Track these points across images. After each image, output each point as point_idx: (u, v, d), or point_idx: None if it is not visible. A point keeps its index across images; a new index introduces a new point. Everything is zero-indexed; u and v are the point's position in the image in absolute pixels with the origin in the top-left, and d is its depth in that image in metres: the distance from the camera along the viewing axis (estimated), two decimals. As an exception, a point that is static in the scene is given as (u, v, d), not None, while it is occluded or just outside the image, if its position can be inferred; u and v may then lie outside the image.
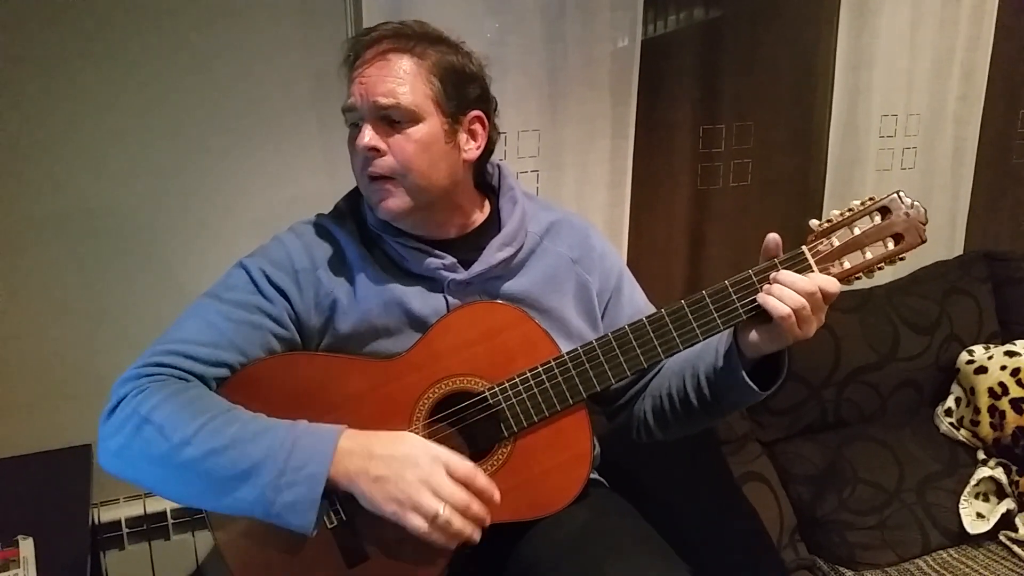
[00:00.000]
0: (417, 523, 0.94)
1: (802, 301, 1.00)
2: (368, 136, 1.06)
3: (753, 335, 1.05)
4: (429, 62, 1.08)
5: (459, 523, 0.95)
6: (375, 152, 1.07)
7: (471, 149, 1.14)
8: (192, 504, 1.05)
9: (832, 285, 1.03)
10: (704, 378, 1.14)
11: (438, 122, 1.09)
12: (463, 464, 0.97)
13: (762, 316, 1.04)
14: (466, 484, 0.97)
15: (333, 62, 1.60)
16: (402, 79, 1.07)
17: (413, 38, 1.09)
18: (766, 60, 2.03)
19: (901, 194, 1.05)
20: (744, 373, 1.07)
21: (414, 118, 1.07)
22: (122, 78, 1.51)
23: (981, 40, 2.13)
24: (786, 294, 1.01)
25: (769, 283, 1.03)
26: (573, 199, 1.82)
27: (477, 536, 0.98)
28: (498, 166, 1.25)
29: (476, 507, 0.97)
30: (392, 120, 1.07)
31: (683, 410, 1.18)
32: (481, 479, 0.98)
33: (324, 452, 0.94)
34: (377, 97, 1.06)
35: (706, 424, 1.24)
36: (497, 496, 0.99)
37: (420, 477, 0.94)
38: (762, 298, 1.03)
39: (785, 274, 1.03)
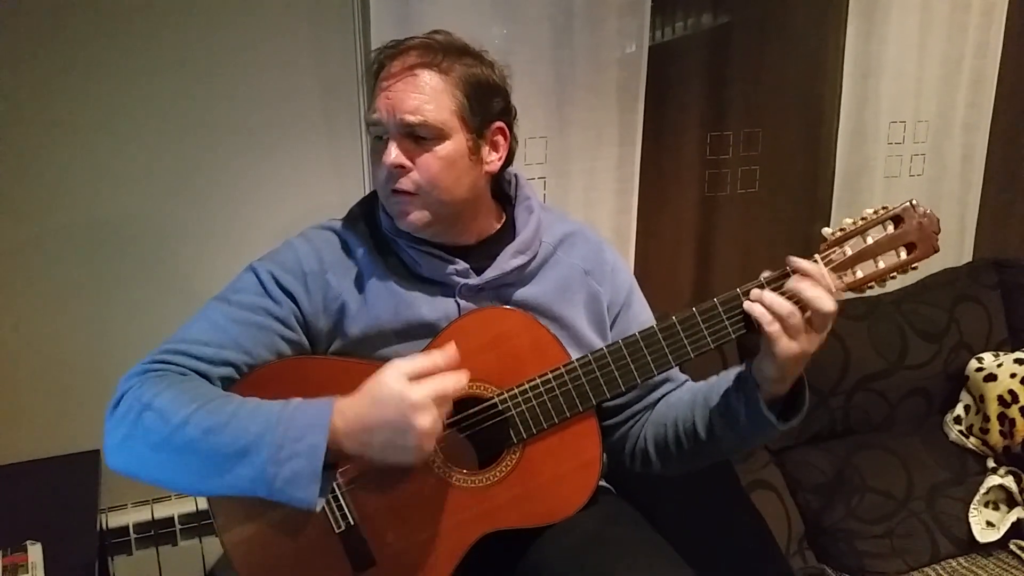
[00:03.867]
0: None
1: (788, 307, 0.99)
2: (394, 154, 1.06)
3: (758, 357, 1.04)
4: (455, 76, 1.08)
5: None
6: (400, 169, 1.07)
7: (493, 161, 1.14)
8: (196, 490, 1.05)
9: (829, 304, 1.00)
10: (716, 409, 1.12)
11: (463, 138, 1.09)
12: (441, 388, 0.95)
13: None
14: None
15: (342, 70, 1.63)
16: (428, 96, 1.06)
17: (440, 51, 1.09)
18: (774, 66, 2.04)
19: (914, 203, 1.05)
20: (763, 404, 1.05)
21: (440, 135, 1.07)
22: (130, 86, 1.52)
23: (990, 46, 2.12)
24: (771, 300, 1.00)
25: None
26: (580, 206, 1.82)
27: None
28: (515, 175, 1.25)
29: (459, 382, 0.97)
30: (418, 136, 1.07)
31: (688, 443, 1.16)
32: (452, 358, 0.98)
33: (320, 424, 0.94)
34: (404, 115, 1.05)
35: (708, 461, 1.20)
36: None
37: (422, 429, 0.92)
38: (748, 305, 1.02)
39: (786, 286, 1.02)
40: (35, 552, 1.28)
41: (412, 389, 0.93)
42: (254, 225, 1.63)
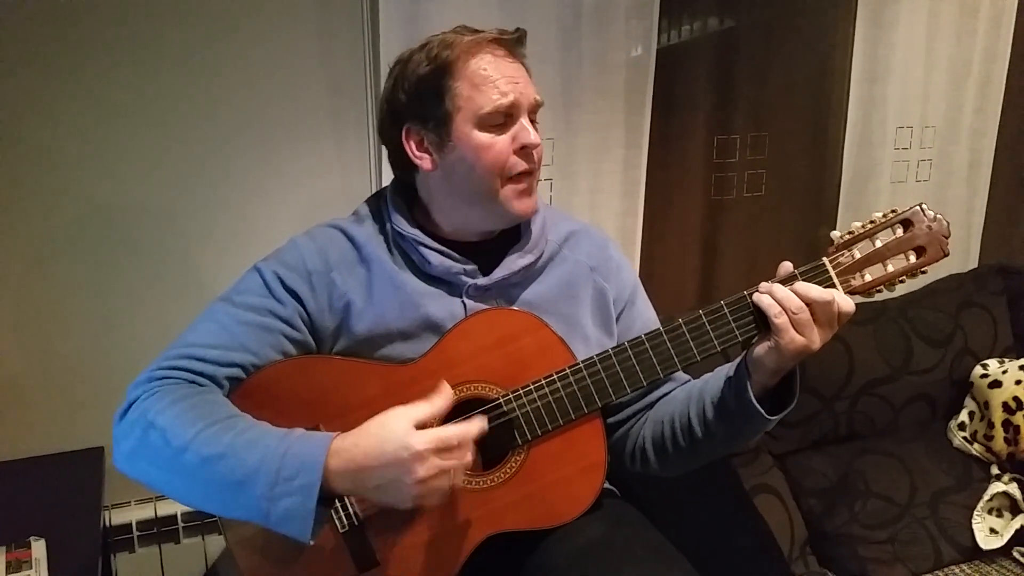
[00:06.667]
0: (435, 502, 0.97)
1: (797, 303, 0.99)
2: (534, 132, 1.10)
3: (759, 349, 1.03)
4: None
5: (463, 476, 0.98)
6: (540, 148, 1.12)
7: None
8: (201, 508, 1.05)
9: (847, 304, 1.01)
10: (710, 402, 1.12)
11: None
12: (444, 437, 0.93)
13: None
14: (461, 444, 0.95)
15: (350, 68, 1.64)
16: (530, 79, 1.13)
17: (517, 44, 1.14)
18: (781, 70, 2.03)
19: (923, 206, 1.05)
20: (751, 394, 1.04)
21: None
22: (136, 83, 1.52)
23: (998, 52, 2.12)
24: (783, 295, 1.00)
25: None
26: (586, 208, 1.82)
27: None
28: None
29: (469, 456, 0.95)
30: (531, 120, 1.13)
31: (684, 440, 1.15)
32: (472, 430, 0.96)
33: (314, 464, 0.93)
34: (535, 95, 1.12)
35: (705, 459, 1.18)
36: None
37: (417, 478, 0.92)
38: (757, 297, 1.02)
39: (798, 284, 1.02)
40: (39, 548, 1.28)
41: (415, 437, 0.92)
42: (261, 222, 1.63)
